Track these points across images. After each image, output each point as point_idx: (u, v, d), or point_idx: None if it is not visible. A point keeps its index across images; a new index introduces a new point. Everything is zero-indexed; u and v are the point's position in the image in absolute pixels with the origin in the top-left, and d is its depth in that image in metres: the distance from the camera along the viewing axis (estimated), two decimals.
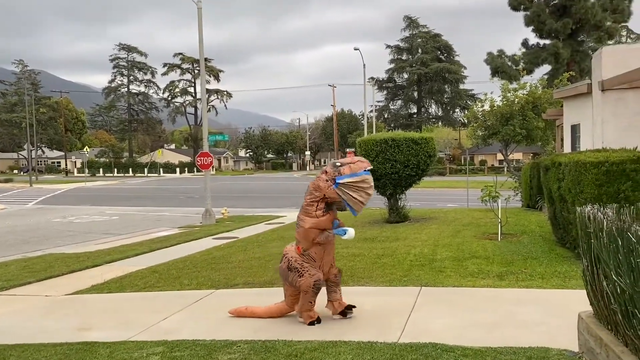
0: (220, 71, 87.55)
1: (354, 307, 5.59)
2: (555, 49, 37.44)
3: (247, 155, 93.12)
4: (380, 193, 13.91)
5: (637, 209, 4.02)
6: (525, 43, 40.48)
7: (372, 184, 5.26)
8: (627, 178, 6.88)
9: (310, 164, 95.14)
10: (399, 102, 77.11)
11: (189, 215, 20.82)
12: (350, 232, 5.39)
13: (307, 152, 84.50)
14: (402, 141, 13.19)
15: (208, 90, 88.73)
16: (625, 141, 9.25)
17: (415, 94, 75.73)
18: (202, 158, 18.37)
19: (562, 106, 14.80)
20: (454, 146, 79.02)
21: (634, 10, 38.60)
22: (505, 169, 33.26)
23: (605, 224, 3.28)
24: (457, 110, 75.58)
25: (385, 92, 76.61)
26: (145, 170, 75.73)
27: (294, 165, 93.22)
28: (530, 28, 38.74)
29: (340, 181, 5.13)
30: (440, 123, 79.89)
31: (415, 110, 77.15)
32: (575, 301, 4.86)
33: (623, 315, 3.13)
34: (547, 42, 39.11)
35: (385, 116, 77.19)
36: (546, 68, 40.00)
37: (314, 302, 5.38)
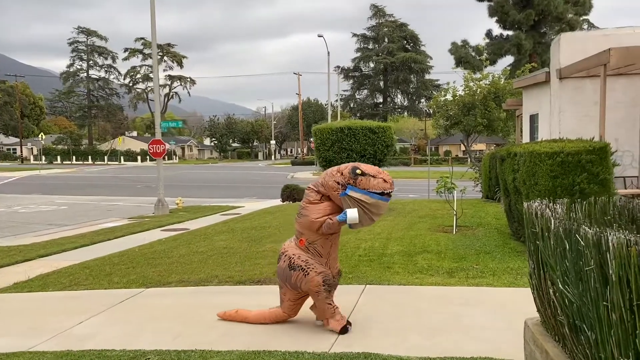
0: (184, 57, 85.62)
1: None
2: (518, 40, 37.64)
3: (212, 144, 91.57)
4: None
5: (590, 204, 3.62)
6: (489, 34, 40.60)
7: (383, 212, 4.51)
8: (583, 169, 6.56)
9: (277, 153, 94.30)
10: (365, 91, 76.89)
11: (144, 205, 19.98)
12: (351, 213, 4.31)
13: (273, 142, 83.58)
14: (359, 130, 12.76)
15: (171, 77, 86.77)
16: (583, 131, 9.02)
17: (381, 83, 75.60)
18: (154, 146, 17.58)
19: (522, 96, 14.58)
20: (419, 136, 79.39)
21: (595, 4, 39.12)
22: (469, 160, 33.39)
23: (552, 222, 2.84)
24: (422, 100, 75.83)
25: (351, 81, 76.24)
26: (106, 158, 73.60)
27: (260, 155, 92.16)
28: (494, 19, 38.83)
29: (351, 193, 4.34)
30: (406, 113, 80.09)
31: (381, 100, 77.05)
32: (525, 302, 4.47)
33: (570, 329, 2.71)
34: (510, 33, 39.31)
35: (352, 105, 76.89)
36: (509, 59, 40.25)
37: (333, 302, 4.60)
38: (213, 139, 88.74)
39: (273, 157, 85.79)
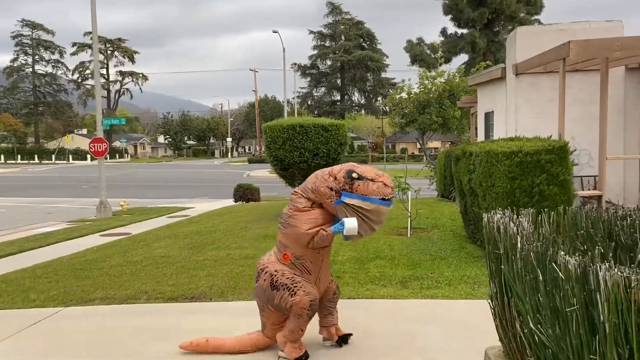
0: (135, 52, 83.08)
1: (351, 334, 4.33)
2: (472, 38, 37.93)
3: (166, 141, 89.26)
4: (289, 184, 12.88)
5: (559, 214, 3.14)
6: (444, 32, 40.78)
7: (384, 219, 3.88)
8: (542, 170, 6.18)
9: (234, 151, 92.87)
10: (323, 89, 76.46)
11: (88, 207, 18.82)
12: (350, 224, 3.68)
13: (229, 139, 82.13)
14: (311, 127, 12.17)
15: (122, 73, 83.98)
16: (540, 129, 8.72)
17: (339, 81, 75.34)
18: (95, 144, 16.50)
19: (476, 94, 14.33)
20: (377, 134, 79.62)
21: (546, 4, 39.83)
22: (425, 158, 33.40)
23: (519, 242, 2.32)
24: (379, 98, 76.01)
25: (308, 78, 75.66)
26: (53, 157, 70.56)
27: (217, 152, 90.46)
28: (449, 17, 39.00)
29: (347, 200, 3.71)
30: (363, 111, 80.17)
31: (339, 98, 76.81)
32: (485, 318, 3.98)
33: None
34: (465, 31, 39.58)
35: (309, 103, 76.35)
36: (464, 57, 40.55)
37: (305, 329, 3.96)
38: (167, 136, 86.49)
39: (230, 154, 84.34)
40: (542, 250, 2.11)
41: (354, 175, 3.72)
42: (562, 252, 1.96)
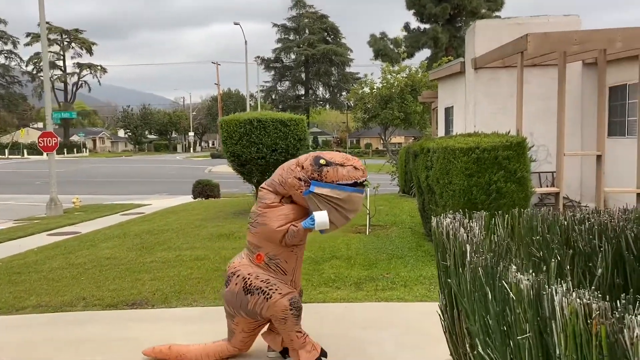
0: (93, 44, 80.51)
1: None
2: (435, 33, 38.11)
3: (127, 135, 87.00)
4: (247, 180, 12.51)
5: (514, 217, 2.92)
6: (407, 27, 40.84)
7: (360, 207, 3.60)
8: (500, 167, 6.02)
9: (197, 145, 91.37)
10: (287, 83, 75.75)
11: (39, 204, 17.95)
12: (320, 217, 3.43)
13: (191, 133, 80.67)
14: (269, 122, 11.82)
15: (79, 65, 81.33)
16: (499, 124, 8.61)
17: (303, 75, 74.81)
18: (44, 139, 15.75)
19: (437, 88, 14.24)
20: (341, 129, 79.56)
21: (506, 0, 40.35)
22: (387, 153, 33.42)
23: (469, 253, 2.07)
24: (344, 93, 75.89)
25: (272, 72, 74.87)
26: (6, 151, 67.86)
27: (179, 147, 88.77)
28: (412, 12, 39.05)
29: (316, 190, 3.45)
30: (328, 106, 79.93)
31: (303, 92, 76.33)
32: (438, 323, 3.77)
33: None
34: (428, 26, 39.73)
35: (273, 97, 75.60)
36: (427, 53, 40.72)
37: (302, 330, 3.70)
38: (127, 130, 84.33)
39: (192, 149, 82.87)
40: (492, 263, 1.86)
41: (322, 161, 3.50)
42: (514, 268, 1.71)
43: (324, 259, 7.13)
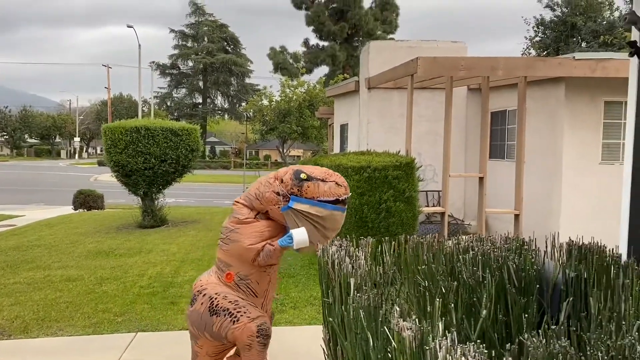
0: None
1: None
2: (333, 51, 38.97)
3: (3, 139, 79.58)
4: (132, 192, 11.75)
5: (400, 244, 2.84)
6: (306, 42, 41.39)
7: (340, 225, 3.32)
8: (390, 186, 6.08)
9: (84, 151, 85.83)
10: (184, 90, 73.53)
11: None
12: (299, 235, 3.17)
13: (77, 139, 75.61)
14: (159, 131, 11.22)
15: None
16: (390, 143, 8.80)
17: (201, 83, 73.10)
18: None
19: (334, 105, 14.41)
20: (240, 140, 78.65)
21: (400, 24, 42.35)
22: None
23: (352, 290, 1.91)
24: (243, 103, 75.21)
25: (168, 78, 72.36)
26: None
27: (63, 153, 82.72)
28: (311, 28, 39.68)
29: (296, 206, 3.18)
30: (226, 116, 78.75)
31: (201, 101, 74.56)
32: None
33: None
34: (326, 44, 40.54)
35: (168, 104, 73.02)
36: (325, 69, 41.50)
37: None
38: (3, 133, 77.18)
39: (78, 156, 77.62)
40: (375, 303, 1.71)
41: (302, 175, 3.27)
42: (397, 310, 1.57)
43: None
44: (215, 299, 3.34)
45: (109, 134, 11.10)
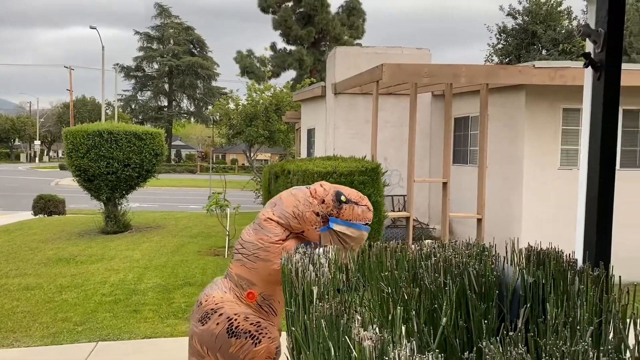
0: None
1: None
2: (300, 55, 39.01)
3: None
4: (94, 197, 11.50)
5: (364, 250, 2.86)
6: (273, 46, 41.31)
7: (363, 243, 3.36)
8: None
9: (44, 155, 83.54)
10: (149, 93, 72.39)
11: None
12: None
13: (38, 142, 73.52)
14: (122, 135, 11.03)
15: None
16: (356, 148, 8.85)
17: (167, 86, 72.12)
18: None
19: (301, 109, 14.42)
20: (207, 143, 77.81)
21: (367, 29, 42.72)
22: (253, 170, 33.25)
23: (315, 298, 1.91)
24: (209, 107, 74.46)
25: (133, 81, 71.12)
26: None
27: (22, 156, 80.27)
28: (278, 32, 39.65)
29: (335, 227, 3.22)
30: (192, 119, 77.88)
31: (166, 104, 73.52)
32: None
33: None
34: (293, 48, 40.55)
35: (133, 107, 71.76)
36: (292, 74, 41.47)
37: None
38: None
39: (38, 159, 75.46)
40: (337, 312, 1.71)
41: (343, 198, 3.27)
42: (359, 319, 1.58)
43: (175, 286, 6.66)
44: (235, 319, 3.20)
45: (70, 138, 10.84)
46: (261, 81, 30.78)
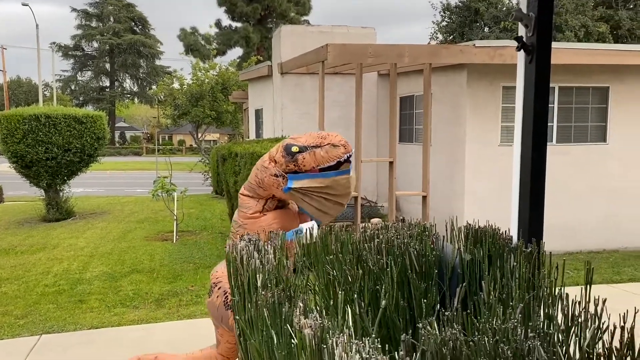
0: None
1: None
2: (246, 32, 38.33)
3: None
4: (34, 184, 11.06)
5: (311, 235, 2.88)
6: (218, 23, 40.38)
7: (350, 188, 3.02)
8: None
9: None
10: (89, 73, 69.52)
11: None
12: (307, 227, 2.79)
13: None
14: (61, 119, 10.60)
15: None
16: (304, 129, 8.83)
17: (108, 66, 69.43)
18: None
19: (248, 89, 14.22)
20: (152, 124, 75.73)
21: (314, 6, 42.36)
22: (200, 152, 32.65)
23: (259, 287, 1.93)
24: (154, 86, 72.30)
25: (72, 60, 68.03)
26: None
27: None
28: (223, 9, 38.73)
29: (296, 185, 2.92)
30: (136, 99, 75.48)
31: (108, 84, 70.87)
32: None
33: None
34: (239, 25, 39.78)
35: (73, 88, 68.84)
36: (239, 51, 40.72)
37: None
38: None
39: None
40: (280, 299, 1.73)
41: (294, 149, 2.96)
42: (301, 306, 1.61)
43: (122, 273, 6.53)
44: (229, 292, 3.09)
45: (5, 123, 10.32)
46: (206, 59, 30.11)
